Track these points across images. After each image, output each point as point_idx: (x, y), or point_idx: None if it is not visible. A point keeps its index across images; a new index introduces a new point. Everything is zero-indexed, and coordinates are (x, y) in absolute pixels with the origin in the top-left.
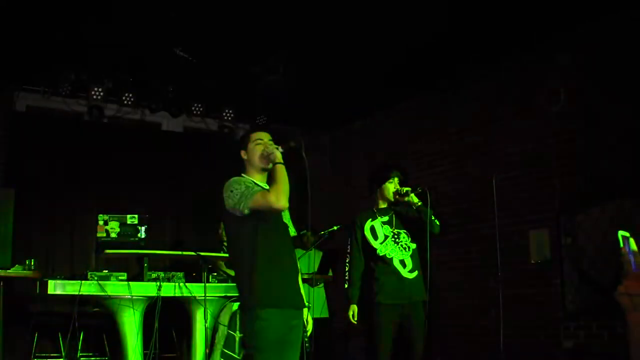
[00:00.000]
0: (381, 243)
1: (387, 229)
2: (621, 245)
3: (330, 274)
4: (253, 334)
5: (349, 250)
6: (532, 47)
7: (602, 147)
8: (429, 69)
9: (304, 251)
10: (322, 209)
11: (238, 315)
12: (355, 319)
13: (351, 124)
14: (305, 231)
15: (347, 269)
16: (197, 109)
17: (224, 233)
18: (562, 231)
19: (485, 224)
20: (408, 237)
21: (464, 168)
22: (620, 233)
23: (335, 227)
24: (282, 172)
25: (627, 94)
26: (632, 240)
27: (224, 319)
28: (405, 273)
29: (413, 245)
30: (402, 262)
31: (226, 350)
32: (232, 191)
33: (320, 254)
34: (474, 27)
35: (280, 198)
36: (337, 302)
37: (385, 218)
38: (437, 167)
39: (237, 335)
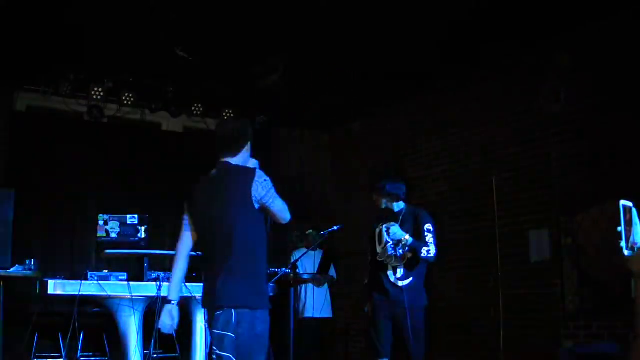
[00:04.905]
0: (383, 248)
1: (384, 236)
2: (621, 215)
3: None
4: (259, 336)
5: (370, 248)
6: (532, 47)
7: (602, 147)
8: (429, 70)
9: (306, 250)
10: (322, 208)
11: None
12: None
13: (351, 124)
14: (310, 230)
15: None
16: (197, 109)
17: None
18: (562, 231)
19: (485, 224)
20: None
21: (464, 168)
22: (622, 202)
23: (335, 227)
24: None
25: (627, 94)
26: (634, 211)
27: None
28: (396, 281)
29: (409, 255)
30: (395, 270)
31: (219, 351)
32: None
33: (321, 253)
34: (474, 28)
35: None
36: (337, 302)
37: (391, 224)
38: (437, 167)
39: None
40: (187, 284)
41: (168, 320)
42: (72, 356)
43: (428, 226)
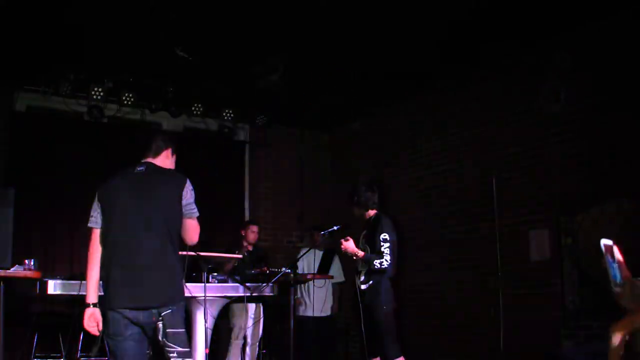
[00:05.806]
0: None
1: (362, 243)
2: (604, 254)
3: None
4: (183, 327)
5: None
6: (532, 47)
7: (602, 146)
8: (429, 70)
9: (309, 249)
10: (322, 208)
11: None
12: None
13: (351, 124)
14: (313, 230)
15: None
16: (197, 109)
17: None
18: (562, 231)
19: (485, 224)
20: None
21: (464, 168)
22: (603, 241)
23: (335, 227)
24: None
25: (627, 94)
26: (615, 249)
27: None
28: (359, 284)
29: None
30: (359, 274)
31: (180, 348)
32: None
33: (322, 253)
34: (474, 28)
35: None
36: (337, 302)
37: (364, 232)
38: (437, 167)
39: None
40: (187, 284)
41: (92, 322)
42: (72, 356)
43: (384, 236)
